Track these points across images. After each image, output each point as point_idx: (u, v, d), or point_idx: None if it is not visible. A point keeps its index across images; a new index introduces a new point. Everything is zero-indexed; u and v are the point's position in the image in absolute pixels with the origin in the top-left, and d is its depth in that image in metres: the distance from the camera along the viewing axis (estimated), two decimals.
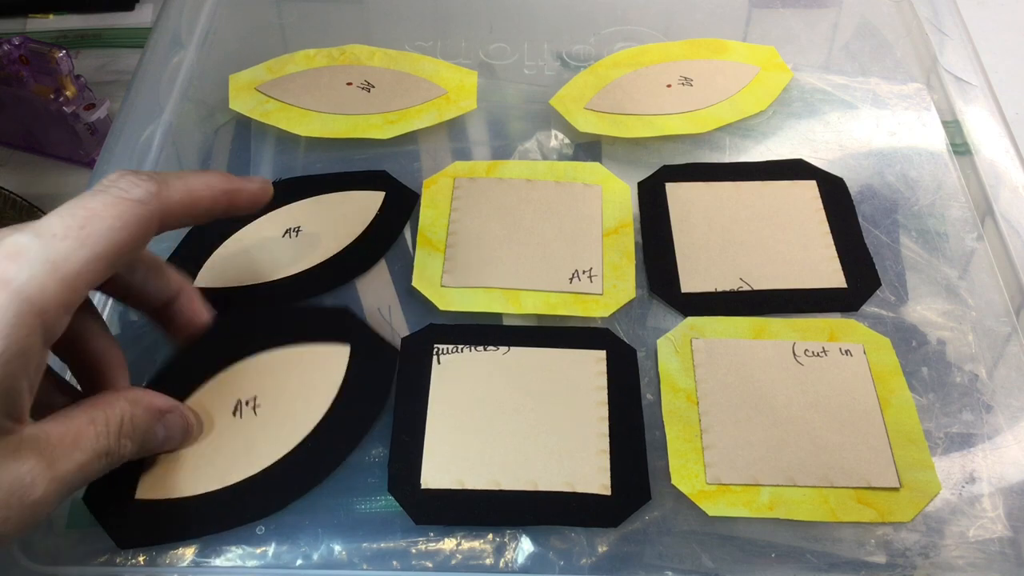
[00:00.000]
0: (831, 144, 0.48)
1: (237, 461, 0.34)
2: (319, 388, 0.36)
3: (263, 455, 0.34)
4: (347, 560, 0.33)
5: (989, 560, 0.33)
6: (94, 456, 0.29)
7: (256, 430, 0.35)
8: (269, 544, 0.33)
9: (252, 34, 0.55)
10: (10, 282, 0.26)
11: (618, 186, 0.45)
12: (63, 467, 0.28)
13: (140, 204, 0.29)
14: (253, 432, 0.35)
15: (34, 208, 0.52)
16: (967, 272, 0.42)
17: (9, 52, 0.53)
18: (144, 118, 0.47)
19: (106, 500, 0.33)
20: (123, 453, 0.31)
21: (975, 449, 0.36)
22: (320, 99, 0.48)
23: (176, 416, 0.33)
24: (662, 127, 0.47)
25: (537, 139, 0.48)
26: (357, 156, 0.47)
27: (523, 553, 0.33)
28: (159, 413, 0.33)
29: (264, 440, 0.35)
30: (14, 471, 0.26)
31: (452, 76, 0.50)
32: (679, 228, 0.43)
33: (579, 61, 0.52)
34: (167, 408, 0.33)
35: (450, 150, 0.48)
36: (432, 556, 0.33)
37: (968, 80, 0.50)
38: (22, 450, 0.27)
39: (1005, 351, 0.40)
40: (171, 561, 0.33)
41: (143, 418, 0.32)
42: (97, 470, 0.30)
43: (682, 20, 0.55)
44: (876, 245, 0.43)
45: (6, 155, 0.58)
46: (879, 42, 0.54)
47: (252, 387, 0.36)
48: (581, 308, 0.40)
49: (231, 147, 0.48)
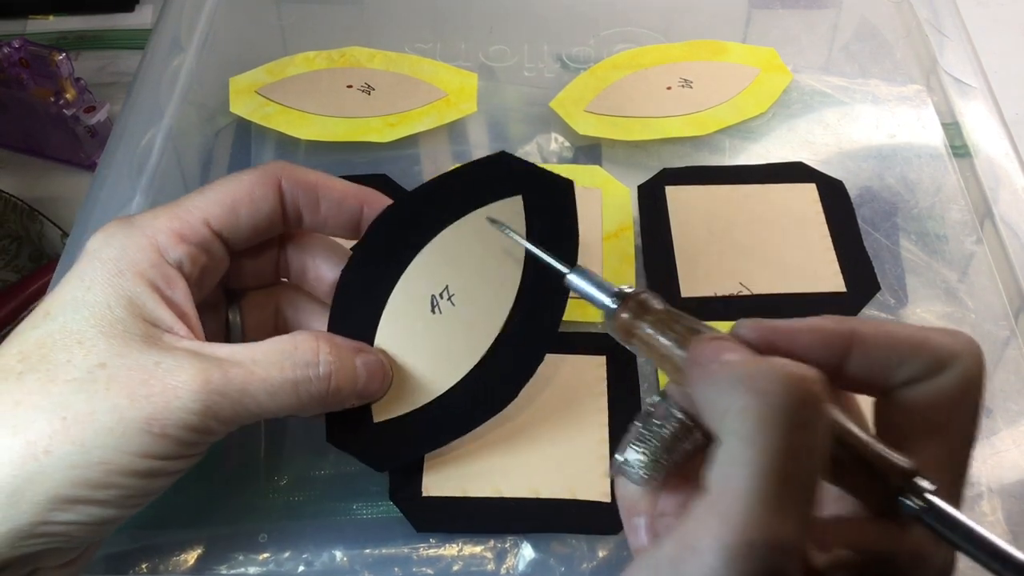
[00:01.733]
0: (830, 146, 0.48)
1: (459, 352, 0.33)
2: (507, 250, 0.34)
3: (481, 334, 0.33)
4: (349, 567, 0.33)
5: None
6: (281, 383, 0.29)
7: (461, 317, 0.34)
8: (271, 551, 0.33)
9: (251, 36, 0.55)
10: (130, 218, 0.31)
11: (618, 189, 0.45)
12: (229, 381, 0.28)
13: (260, 168, 0.32)
14: (459, 320, 0.34)
15: (34, 211, 0.52)
16: (966, 275, 0.43)
17: (9, 55, 0.53)
18: (145, 121, 0.47)
19: (348, 429, 0.33)
20: (322, 390, 0.30)
21: (975, 453, 0.36)
22: (320, 102, 0.48)
23: (370, 356, 0.32)
24: (662, 129, 0.47)
25: (537, 142, 0.48)
26: (357, 159, 0.47)
27: (524, 560, 0.33)
28: (354, 349, 0.32)
29: (477, 319, 0.33)
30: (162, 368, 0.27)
31: (452, 78, 0.50)
32: (679, 232, 0.43)
33: (579, 63, 0.52)
34: (360, 347, 0.32)
35: (450, 153, 0.48)
36: (433, 563, 0.33)
37: (968, 82, 0.50)
38: (173, 351, 0.28)
39: (1004, 355, 0.40)
40: (174, 568, 0.33)
41: (338, 352, 0.31)
42: (292, 402, 0.29)
43: (682, 21, 0.55)
44: (876, 248, 0.43)
45: (6, 158, 0.58)
46: (879, 43, 0.54)
47: (440, 277, 0.34)
48: (581, 313, 0.40)
49: (231, 150, 0.48)
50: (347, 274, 0.34)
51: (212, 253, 0.31)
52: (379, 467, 0.33)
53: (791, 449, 0.20)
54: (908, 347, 0.23)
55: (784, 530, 0.19)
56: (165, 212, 0.31)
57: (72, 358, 0.27)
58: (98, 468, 0.26)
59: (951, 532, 0.21)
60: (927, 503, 0.21)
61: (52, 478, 0.26)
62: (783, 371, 0.21)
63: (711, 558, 0.19)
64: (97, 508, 0.27)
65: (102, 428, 0.26)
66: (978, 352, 0.23)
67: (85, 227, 0.43)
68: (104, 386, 0.27)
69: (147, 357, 0.27)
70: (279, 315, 0.35)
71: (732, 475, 0.20)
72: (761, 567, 0.19)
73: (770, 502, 0.20)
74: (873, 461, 0.22)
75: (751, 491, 0.20)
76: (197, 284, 0.31)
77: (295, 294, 0.35)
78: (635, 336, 0.27)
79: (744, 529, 0.19)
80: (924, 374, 0.23)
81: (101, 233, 0.30)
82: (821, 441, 0.21)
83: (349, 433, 0.33)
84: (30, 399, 0.26)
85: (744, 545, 0.19)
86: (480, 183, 0.35)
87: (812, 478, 0.20)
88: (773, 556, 0.19)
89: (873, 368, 0.24)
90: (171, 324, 0.29)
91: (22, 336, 0.28)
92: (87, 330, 0.28)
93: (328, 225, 0.34)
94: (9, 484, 0.26)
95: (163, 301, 0.29)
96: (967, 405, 0.23)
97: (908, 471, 0.22)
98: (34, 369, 0.27)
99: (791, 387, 0.20)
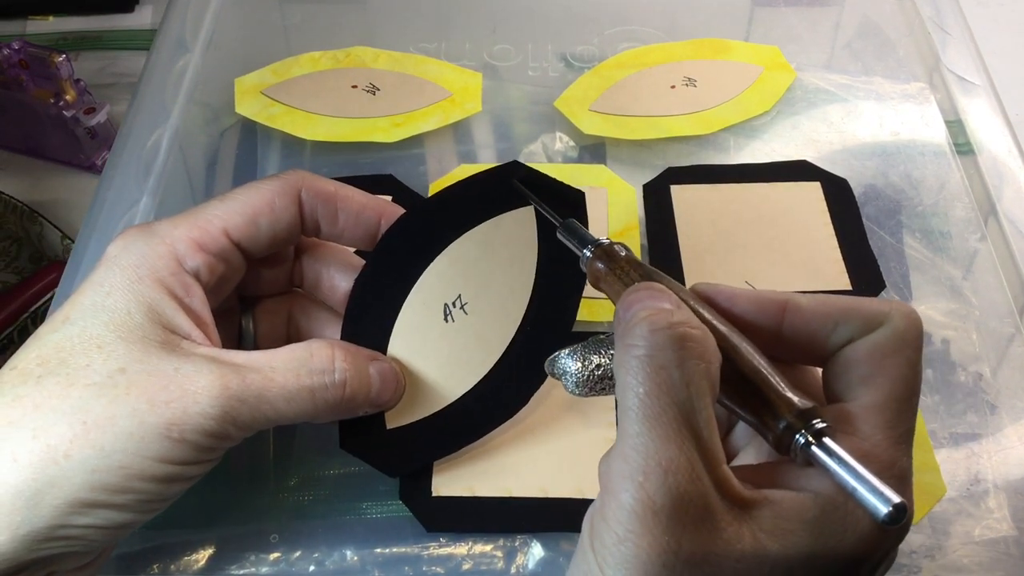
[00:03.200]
0: (834, 144, 0.48)
1: (471, 360, 0.34)
2: (519, 260, 0.34)
3: (493, 342, 0.34)
4: (359, 566, 0.33)
5: (995, 560, 0.34)
6: (297, 390, 0.29)
7: (473, 326, 0.34)
8: (282, 551, 0.34)
9: (256, 36, 0.55)
10: (149, 225, 0.31)
11: (623, 189, 0.45)
12: (248, 387, 0.28)
13: (280, 177, 0.32)
14: (471, 329, 0.34)
15: (35, 213, 0.52)
16: (971, 272, 0.43)
17: (9, 56, 0.53)
18: (151, 122, 0.47)
19: (362, 435, 0.33)
20: (337, 397, 0.30)
21: (980, 450, 0.36)
22: (325, 102, 0.48)
23: (384, 364, 0.33)
24: (666, 128, 0.48)
25: (542, 141, 0.48)
26: (363, 159, 0.47)
27: (534, 558, 0.33)
28: (368, 356, 0.32)
29: (489, 328, 0.34)
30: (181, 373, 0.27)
31: (457, 78, 0.50)
32: (684, 231, 0.43)
33: (583, 62, 0.52)
34: (373, 355, 0.33)
35: (456, 153, 0.48)
36: (444, 561, 0.33)
37: (971, 79, 0.50)
38: (192, 357, 0.28)
39: (1009, 351, 0.40)
40: (185, 568, 0.33)
41: (353, 359, 0.31)
42: (308, 408, 0.29)
43: (685, 19, 0.55)
44: (880, 246, 0.43)
45: (6, 159, 0.57)
46: (882, 41, 0.54)
47: (453, 287, 0.34)
48: (588, 312, 0.40)
49: (237, 151, 0.48)
50: (360, 283, 0.34)
51: (230, 262, 0.31)
52: (392, 473, 0.34)
53: (661, 387, 0.23)
54: (841, 311, 0.25)
55: (671, 453, 0.22)
56: (185, 220, 0.31)
57: (92, 362, 0.27)
58: (117, 472, 0.26)
59: (834, 466, 0.22)
60: (817, 438, 0.23)
61: (72, 482, 0.26)
62: (642, 326, 0.24)
63: (624, 496, 0.22)
64: (115, 512, 0.27)
65: (122, 432, 0.26)
66: (911, 312, 0.25)
67: (92, 229, 0.43)
68: (124, 391, 0.27)
69: (166, 363, 0.27)
70: (292, 322, 0.35)
71: (624, 421, 0.23)
72: (659, 488, 0.22)
73: (652, 434, 0.22)
74: (771, 399, 0.24)
75: (636, 431, 0.22)
76: (214, 292, 0.31)
77: (308, 302, 0.35)
78: (600, 280, 0.29)
79: (639, 462, 0.22)
80: (859, 333, 0.25)
81: (120, 239, 0.30)
82: (695, 374, 0.23)
83: (362, 439, 0.33)
84: (50, 402, 0.26)
85: (642, 475, 0.22)
86: (493, 193, 0.35)
87: (689, 405, 0.23)
88: (667, 477, 0.22)
89: (810, 331, 0.26)
90: (189, 331, 0.29)
91: (41, 340, 0.28)
92: (106, 335, 0.28)
93: (345, 236, 0.34)
94: (29, 487, 0.26)
95: (181, 308, 0.29)
96: (901, 356, 0.25)
97: (802, 409, 0.23)
98: (53, 373, 0.27)
99: (650, 339, 0.23)
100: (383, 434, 0.33)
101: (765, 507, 0.22)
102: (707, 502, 0.22)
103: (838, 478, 0.22)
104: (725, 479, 0.23)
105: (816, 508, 0.23)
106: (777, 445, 0.24)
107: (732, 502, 0.22)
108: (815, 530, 0.22)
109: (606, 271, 0.29)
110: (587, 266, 0.30)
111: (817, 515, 0.22)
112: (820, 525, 0.22)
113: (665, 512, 0.21)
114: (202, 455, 0.28)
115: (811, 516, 0.22)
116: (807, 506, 0.23)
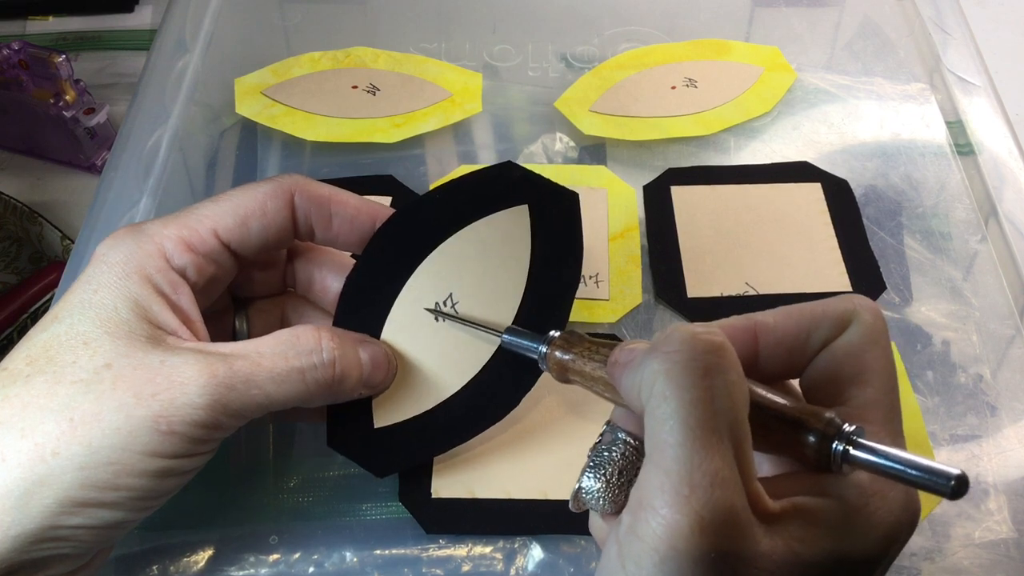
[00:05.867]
0: (835, 145, 0.48)
1: (461, 360, 0.33)
2: (511, 259, 0.34)
3: (484, 342, 0.33)
4: (359, 567, 0.33)
5: (995, 562, 0.33)
6: (287, 371, 0.29)
7: (462, 328, 0.34)
8: (281, 552, 0.34)
9: (256, 36, 0.55)
10: (139, 224, 0.31)
11: (623, 189, 0.45)
12: (235, 373, 0.28)
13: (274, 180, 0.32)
14: (462, 329, 0.34)
15: (34, 213, 0.52)
16: (971, 273, 0.43)
17: (9, 57, 0.53)
18: (151, 123, 0.47)
19: (349, 433, 0.33)
20: (328, 376, 0.30)
21: (980, 451, 0.36)
22: (326, 103, 0.48)
23: (375, 346, 0.32)
24: (667, 129, 0.48)
25: (542, 142, 0.48)
26: (363, 160, 0.47)
27: (533, 560, 0.33)
28: (357, 339, 0.32)
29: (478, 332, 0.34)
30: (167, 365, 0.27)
31: (457, 79, 0.50)
32: (684, 232, 0.43)
33: (583, 62, 0.52)
34: (363, 338, 0.32)
35: (456, 153, 0.48)
36: (443, 563, 0.33)
37: (971, 80, 0.50)
38: (178, 351, 0.28)
39: (1009, 352, 0.40)
40: (184, 569, 0.33)
41: (340, 340, 0.31)
42: (300, 390, 0.29)
43: (685, 20, 0.55)
44: (881, 247, 0.43)
45: (5, 160, 0.57)
46: (882, 41, 0.54)
47: (444, 285, 0.34)
48: (588, 313, 0.40)
49: (237, 152, 0.48)
50: (351, 281, 0.34)
51: (220, 263, 0.31)
52: (378, 472, 0.33)
53: (704, 394, 0.22)
54: (809, 319, 0.26)
55: (716, 465, 0.21)
56: (175, 220, 0.31)
57: (78, 359, 0.27)
58: (107, 468, 0.26)
59: (882, 461, 0.22)
60: (852, 442, 0.23)
61: (61, 480, 0.26)
62: (680, 332, 0.23)
63: (664, 510, 0.21)
64: (106, 511, 0.27)
65: (109, 428, 0.26)
66: (872, 305, 0.26)
67: (93, 229, 0.43)
68: (110, 386, 0.27)
69: (152, 356, 0.27)
70: (285, 323, 0.35)
71: (661, 432, 0.22)
72: (706, 504, 0.21)
73: (696, 444, 0.21)
74: (797, 417, 0.24)
75: (679, 441, 0.21)
76: (203, 292, 0.31)
77: (301, 303, 0.35)
78: (568, 370, 0.29)
79: (682, 474, 0.21)
80: (831, 336, 0.25)
81: (110, 239, 0.30)
82: (734, 383, 0.22)
83: (349, 437, 0.33)
84: (37, 401, 0.26)
85: (686, 487, 0.21)
86: (486, 192, 0.35)
87: (732, 415, 0.22)
88: (713, 491, 0.21)
89: (785, 346, 0.26)
90: (175, 327, 0.29)
91: (30, 340, 0.28)
92: (93, 331, 0.28)
93: (340, 240, 0.34)
94: (19, 487, 0.26)
95: (168, 305, 0.29)
96: (877, 349, 0.25)
97: (828, 419, 0.23)
98: (41, 371, 0.27)
99: (690, 343, 0.23)
100: (370, 433, 0.33)
101: (794, 517, 0.22)
102: (748, 516, 0.22)
103: (890, 471, 0.22)
104: (757, 492, 0.22)
105: (841, 513, 0.23)
106: (816, 459, 0.23)
107: (763, 515, 0.22)
108: (842, 535, 0.22)
109: (573, 358, 0.28)
110: (547, 360, 0.29)
111: (843, 520, 0.23)
112: (846, 529, 0.22)
113: (712, 528, 0.21)
114: (194, 447, 0.28)
115: (837, 521, 0.22)
116: (834, 512, 0.23)
